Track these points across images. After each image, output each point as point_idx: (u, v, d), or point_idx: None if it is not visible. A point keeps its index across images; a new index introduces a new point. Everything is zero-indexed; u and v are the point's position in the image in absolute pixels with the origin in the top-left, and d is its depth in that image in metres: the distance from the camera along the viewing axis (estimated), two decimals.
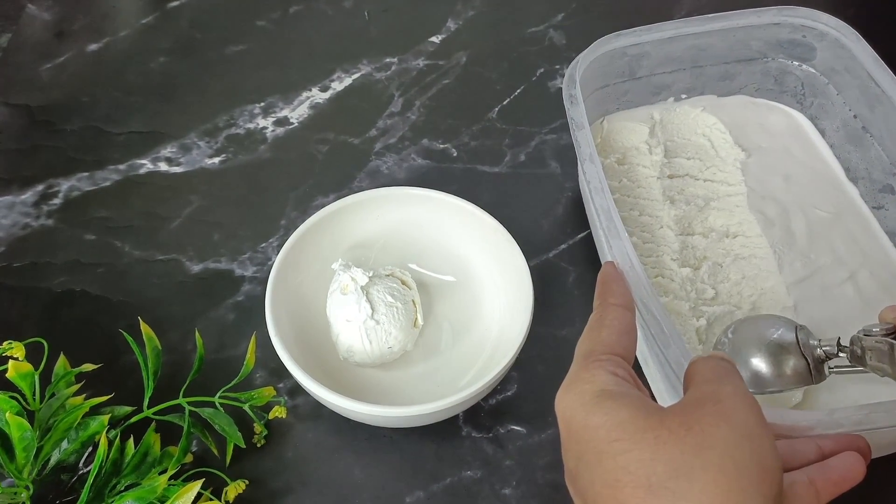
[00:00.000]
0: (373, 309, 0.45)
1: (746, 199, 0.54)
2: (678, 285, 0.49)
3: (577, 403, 0.30)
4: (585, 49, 0.51)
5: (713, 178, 0.55)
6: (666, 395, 0.45)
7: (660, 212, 0.53)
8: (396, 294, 0.46)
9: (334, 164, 0.60)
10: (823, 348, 0.41)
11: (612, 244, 0.41)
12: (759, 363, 0.42)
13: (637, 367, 0.48)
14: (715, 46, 0.55)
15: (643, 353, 0.47)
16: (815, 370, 0.42)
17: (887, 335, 0.38)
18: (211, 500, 0.41)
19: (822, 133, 0.57)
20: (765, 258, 0.51)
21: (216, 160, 0.60)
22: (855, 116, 0.54)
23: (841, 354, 0.41)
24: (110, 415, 0.42)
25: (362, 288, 0.45)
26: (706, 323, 0.48)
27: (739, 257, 0.51)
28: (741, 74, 0.58)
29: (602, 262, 0.52)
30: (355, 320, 0.45)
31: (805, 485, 0.31)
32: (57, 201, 0.57)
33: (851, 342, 0.40)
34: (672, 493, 0.26)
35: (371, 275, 0.46)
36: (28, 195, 0.57)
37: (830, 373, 0.42)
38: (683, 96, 0.59)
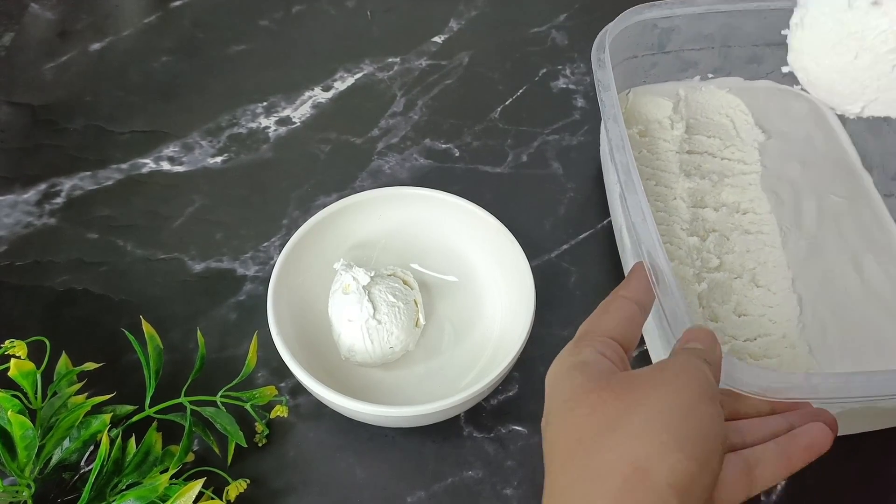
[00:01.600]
0: (374, 309, 0.45)
1: (760, 179, 0.55)
2: (685, 253, 0.50)
3: (556, 371, 0.33)
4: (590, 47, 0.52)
5: (730, 157, 0.56)
6: (661, 351, 0.46)
7: (675, 184, 0.54)
8: (398, 294, 0.46)
9: (336, 163, 0.60)
10: None
11: (628, 198, 0.42)
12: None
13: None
14: (745, 27, 0.56)
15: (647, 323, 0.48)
16: None
17: None
18: (212, 499, 0.41)
19: (843, 122, 0.59)
20: (770, 234, 0.52)
21: (218, 159, 0.60)
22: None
23: None
24: (112, 414, 0.42)
25: (364, 287, 0.45)
26: (707, 287, 0.49)
27: (746, 232, 0.52)
28: (769, 58, 0.59)
29: (617, 236, 0.54)
30: (357, 320, 0.45)
31: (775, 451, 0.33)
32: (59, 200, 0.57)
33: None
34: (595, 446, 0.29)
35: (373, 274, 0.46)
36: (31, 194, 0.57)
37: None
38: (710, 75, 0.60)
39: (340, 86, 0.65)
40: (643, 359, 0.49)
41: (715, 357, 0.34)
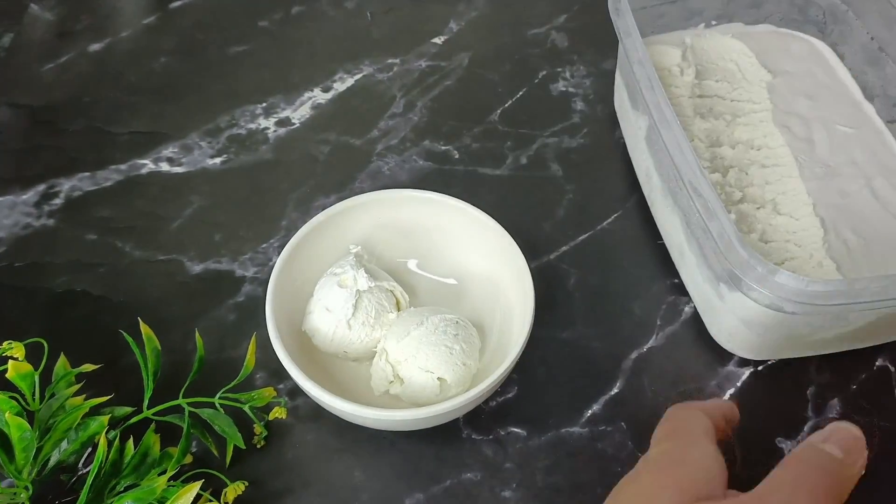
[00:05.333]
0: (353, 315, 0.45)
1: (771, 115, 0.57)
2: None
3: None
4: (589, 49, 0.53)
5: (739, 98, 0.59)
6: (700, 279, 0.49)
7: (691, 126, 0.56)
8: (381, 312, 0.46)
9: (336, 164, 0.60)
10: None
11: (663, 134, 0.45)
12: None
13: (670, 262, 0.53)
14: None
15: (679, 245, 0.51)
16: None
17: None
18: (210, 501, 0.41)
19: (842, 58, 0.61)
20: (787, 165, 0.55)
21: (217, 160, 0.60)
22: (872, 38, 0.58)
23: None
24: (110, 415, 0.42)
25: (358, 291, 0.45)
26: (735, 217, 0.51)
27: (763, 166, 0.55)
28: (768, 2, 0.62)
29: (643, 181, 0.57)
30: (334, 314, 0.45)
31: None
32: (58, 201, 0.57)
33: None
34: None
35: (373, 285, 0.46)
36: (29, 195, 0.57)
37: None
38: (714, 23, 0.63)
39: (340, 87, 0.65)
40: (675, 289, 0.52)
41: (854, 471, 0.29)
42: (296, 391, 0.48)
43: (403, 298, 0.48)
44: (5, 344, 0.41)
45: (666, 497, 0.29)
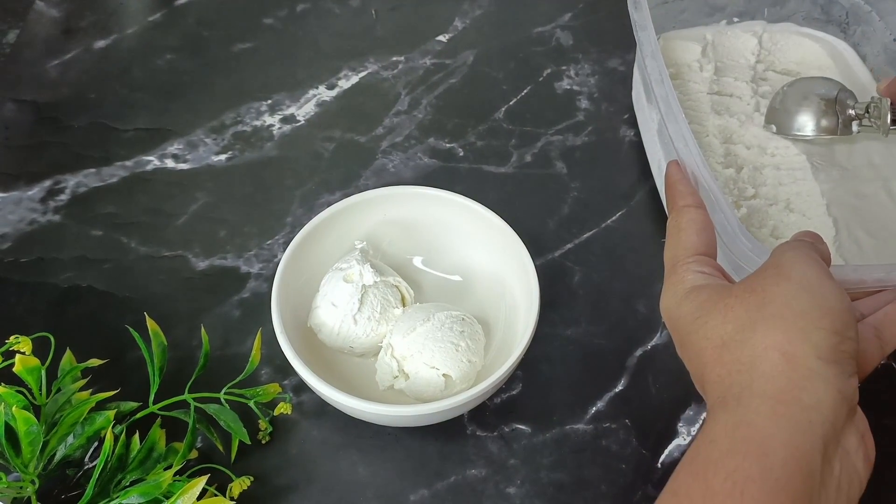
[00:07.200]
0: (359, 310, 0.45)
1: None
2: (722, 183, 0.54)
3: (671, 301, 0.36)
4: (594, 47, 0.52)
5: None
6: None
7: (706, 122, 0.57)
8: (387, 307, 0.46)
9: (340, 162, 0.60)
10: (855, 109, 0.53)
11: (669, 127, 0.45)
12: (799, 109, 0.54)
13: None
14: None
15: None
16: (842, 125, 0.54)
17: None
18: (216, 496, 0.41)
19: (863, 58, 0.61)
20: (802, 168, 0.55)
21: (223, 157, 0.60)
22: (895, 39, 0.57)
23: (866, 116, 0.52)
24: (116, 410, 0.42)
25: (363, 286, 0.45)
26: (747, 212, 0.52)
27: (778, 168, 0.55)
28: (791, 1, 0.62)
29: (655, 174, 0.57)
30: (339, 308, 0.45)
31: (869, 329, 0.36)
32: (64, 197, 0.57)
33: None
34: (739, 343, 0.31)
35: (378, 280, 0.46)
36: (35, 191, 0.57)
37: (859, 130, 0.54)
38: (735, 19, 0.63)
39: (345, 84, 0.65)
40: None
41: (822, 249, 0.36)
42: (301, 387, 0.48)
43: (409, 294, 0.48)
44: (12, 338, 0.41)
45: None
